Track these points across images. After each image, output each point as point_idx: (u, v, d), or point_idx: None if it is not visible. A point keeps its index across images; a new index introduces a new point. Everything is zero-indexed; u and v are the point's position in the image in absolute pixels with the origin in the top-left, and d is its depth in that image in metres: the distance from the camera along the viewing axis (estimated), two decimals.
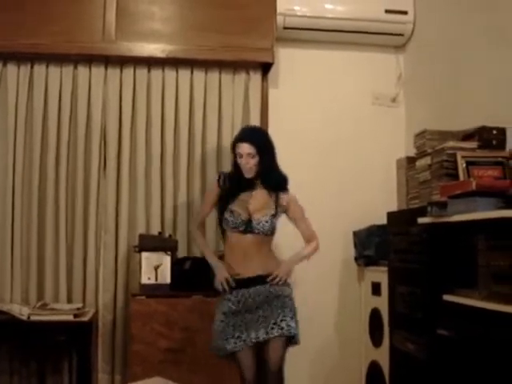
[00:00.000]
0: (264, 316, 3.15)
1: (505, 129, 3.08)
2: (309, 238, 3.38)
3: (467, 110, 3.51)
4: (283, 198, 3.31)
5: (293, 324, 3.14)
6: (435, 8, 4.01)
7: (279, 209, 3.29)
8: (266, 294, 3.19)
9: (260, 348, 3.15)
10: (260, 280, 3.21)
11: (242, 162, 3.24)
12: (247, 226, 3.21)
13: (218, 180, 3.36)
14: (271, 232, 3.26)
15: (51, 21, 3.85)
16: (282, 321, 3.12)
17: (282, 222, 3.37)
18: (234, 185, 3.31)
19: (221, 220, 3.31)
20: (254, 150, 3.22)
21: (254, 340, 3.11)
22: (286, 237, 3.47)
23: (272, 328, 3.11)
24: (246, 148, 3.22)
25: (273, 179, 3.30)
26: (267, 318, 3.14)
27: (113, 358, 3.96)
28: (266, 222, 3.22)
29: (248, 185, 3.30)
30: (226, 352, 3.15)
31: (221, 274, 3.24)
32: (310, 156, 4.29)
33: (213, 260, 3.37)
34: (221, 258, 3.40)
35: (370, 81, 4.42)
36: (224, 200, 3.30)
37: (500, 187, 2.62)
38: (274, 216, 3.26)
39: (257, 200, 3.28)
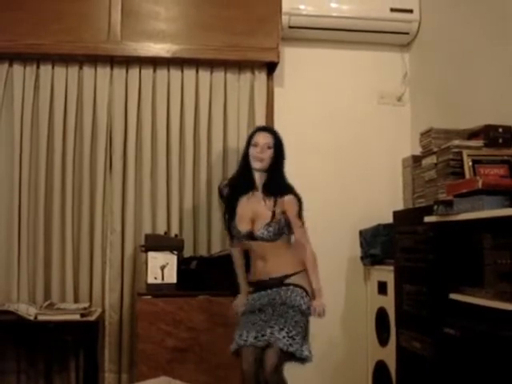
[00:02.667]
0: (263, 320, 3.07)
1: (511, 127, 3.09)
2: (300, 247, 3.23)
3: (473, 108, 3.50)
4: (281, 201, 3.18)
5: (279, 336, 2.93)
6: (440, 6, 4.00)
7: (277, 214, 3.17)
8: (273, 296, 3.14)
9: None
10: (272, 283, 3.17)
11: (256, 151, 3.21)
12: (250, 237, 3.20)
13: (221, 192, 3.41)
14: (274, 237, 3.17)
15: (56, 21, 3.86)
16: (271, 329, 2.98)
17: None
18: (238, 181, 3.31)
19: (228, 227, 3.31)
20: (272, 141, 3.23)
21: (250, 341, 3.01)
22: None
23: (262, 335, 2.99)
24: (265, 137, 3.23)
25: (275, 184, 3.23)
26: (265, 323, 3.04)
27: (119, 358, 3.97)
28: (262, 233, 3.16)
29: (249, 186, 3.27)
30: (233, 349, 3.11)
31: (237, 306, 3.34)
32: (316, 155, 4.28)
33: (241, 286, 3.40)
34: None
35: (375, 80, 4.42)
36: (229, 208, 3.30)
37: (506, 185, 2.62)
38: (270, 224, 3.16)
39: (256, 207, 3.22)
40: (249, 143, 3.29)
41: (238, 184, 3.32)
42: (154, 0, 4.00)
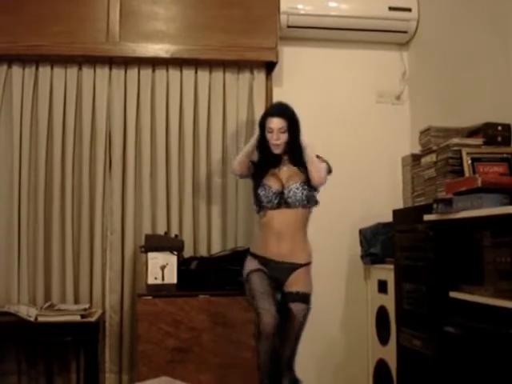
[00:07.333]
0: None
1: (510, 125, 3.09)
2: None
3: (472, 106, 3.50)
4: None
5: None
6: (439, 5, 4.00)
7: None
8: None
9: None
10: (286, 268, 3.24)
11: (272, 136, 3.27)
12: (280, 198, 3.22)
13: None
14: (306, 202, 3.26)
15: (55, 22, 3.86)
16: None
17: None
18: (262, 160, 3.35)
19: (255, 198, 3.32)
20: (285, 125, 3.26)
21: None
22: None
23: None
24: (277, 123, 3.26)
25: (301, 156, 3.30)
26: None
27: (120, 358, 3.97)
28: (297, 188, 3.24)
29: (276, 160, 3.33)
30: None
31: None
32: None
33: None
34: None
35: (374, 78, 4.42)
36: (256, 178, 3.34)
37: (505, 183, 2.62)
38: (306, 183, 3.26)
39: (287, 172, 3.31)
40: (263, 127, 3.33)
41: (266, 158, 3.36)
42: (152, 0, 4.00)
